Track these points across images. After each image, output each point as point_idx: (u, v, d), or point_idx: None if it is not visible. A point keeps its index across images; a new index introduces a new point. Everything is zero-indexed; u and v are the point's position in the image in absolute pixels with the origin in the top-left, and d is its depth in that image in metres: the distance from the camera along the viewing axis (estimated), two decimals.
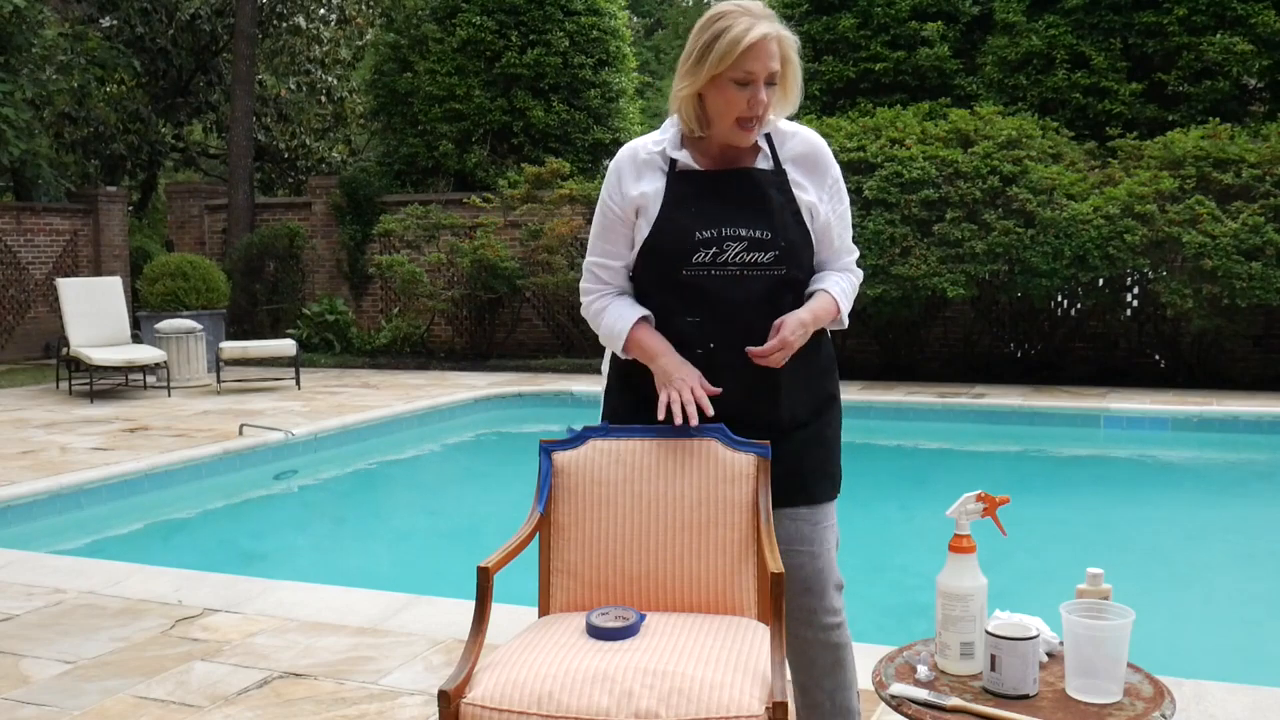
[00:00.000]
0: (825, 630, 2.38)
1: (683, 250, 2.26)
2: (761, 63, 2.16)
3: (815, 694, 2.42)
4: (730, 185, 2.29)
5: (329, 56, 19.91)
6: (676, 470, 2.27)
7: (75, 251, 14.25)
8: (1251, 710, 2.94)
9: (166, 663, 3.43)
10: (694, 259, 2.25)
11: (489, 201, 12.61)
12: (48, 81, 14.15)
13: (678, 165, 2.30)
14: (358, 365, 12.47)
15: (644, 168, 2.32)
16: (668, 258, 2.28)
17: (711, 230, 2.25)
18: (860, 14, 12.32)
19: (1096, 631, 1.83)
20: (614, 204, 2.34)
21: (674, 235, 2.27)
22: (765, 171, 2.30)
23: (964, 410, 8.83)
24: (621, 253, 2.36)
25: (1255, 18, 10.64)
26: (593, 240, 2.40)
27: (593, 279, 2.41)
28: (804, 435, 2.37)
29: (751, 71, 2.16)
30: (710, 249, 2.25)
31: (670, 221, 2.28)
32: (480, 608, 2.10)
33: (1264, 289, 8.92)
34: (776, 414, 2.32)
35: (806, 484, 2.37)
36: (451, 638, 3.61)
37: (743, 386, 2.28)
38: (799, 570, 2.34)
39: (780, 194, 2.28)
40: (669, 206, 2.28)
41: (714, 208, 2.27)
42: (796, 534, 2.36)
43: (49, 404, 9.58)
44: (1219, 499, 7.03)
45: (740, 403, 2.29)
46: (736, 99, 2.18)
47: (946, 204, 9.70)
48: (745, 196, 2.27)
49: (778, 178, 2.30)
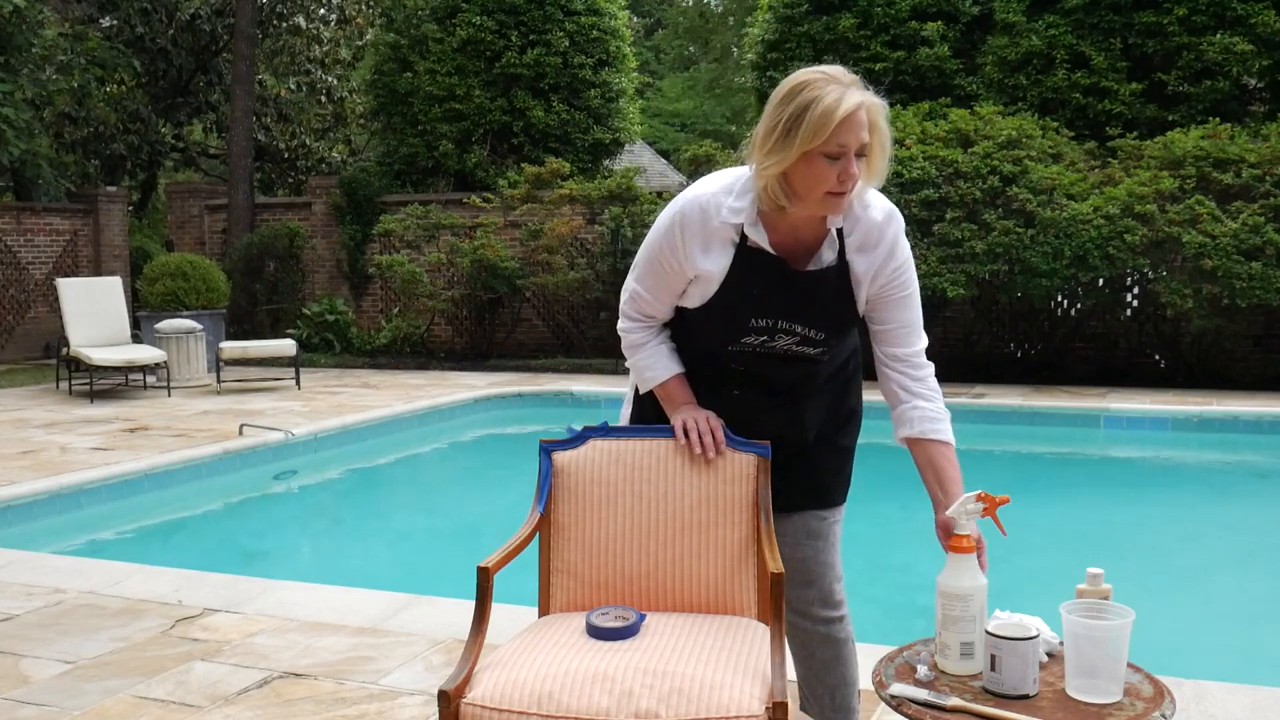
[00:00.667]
0: (826, 623, 2.40)
1: (736, 331, 2.25)
2: (855, 134, 2.02)
3: (816, 689, 2.44)
4: (796, 281, 2.20)
5: (329, 56, 19.90)
6: (677, 470, 2.27)
7: (75, 251, 14.25)
8: (1251, 710, 2.93)
9: (166, 663, 3.43)
10: (743, 340, 2.26)
11: (489, 201, 12.60)
12: (48, 81, 14.14)
13: (748, 240, 2.18)
14: (358, 365, 12.47)
15: (713, 238, 2.18)
16: (717, 333, 2.27)
17: (767, 320, 2.23)
18: (860, 14, 12.31)
19: (1096, 631, 1.83)
20: (673, 260, 2.22)
21: (729, 317, 2.23)
22: (828, 269, 2.20)
23: (964, 410, 8.82)
24: (666, 298, 2.31)
25: (1255, 18, 10.64)
26: (642, 272, 2.30)
27: (634, 307, 2.35)
28: (824, 445, 2.42)
29: (845, 145, 2.01)
30: (761, 336, 2.24)
31: (729, 298, 2.21)
32: (480, 608, 2.10)
33: (1264, 289, 8.92)
34: (801, 433, 2.37)
35: (823, 488, 2.43)
36: (451, 638, 3.61)
37: (773, 418, 2.34)
38: (803, 563, 2.39)
39: (839, 290, 2.21)
40: (732, 280, 2.19)
41: (775, 298, 2.20)
42: (805, 528, 2.41)
43: (49, 404, 9.58)
44: (1219, 499, 7.03)
45: (769, 431, 2.33)
46: (827, 174, 2.03)
47: (946, 204, 9.70)
48: (807, 296, 2.20)
49: (840, 275, 2.20)
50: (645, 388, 2.38)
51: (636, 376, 2.40)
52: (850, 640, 2.44)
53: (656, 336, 2.37)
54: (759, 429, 2.32)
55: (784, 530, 2.40)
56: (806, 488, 2.40)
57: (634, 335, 2.37)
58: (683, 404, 2.33)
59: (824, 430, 2.41)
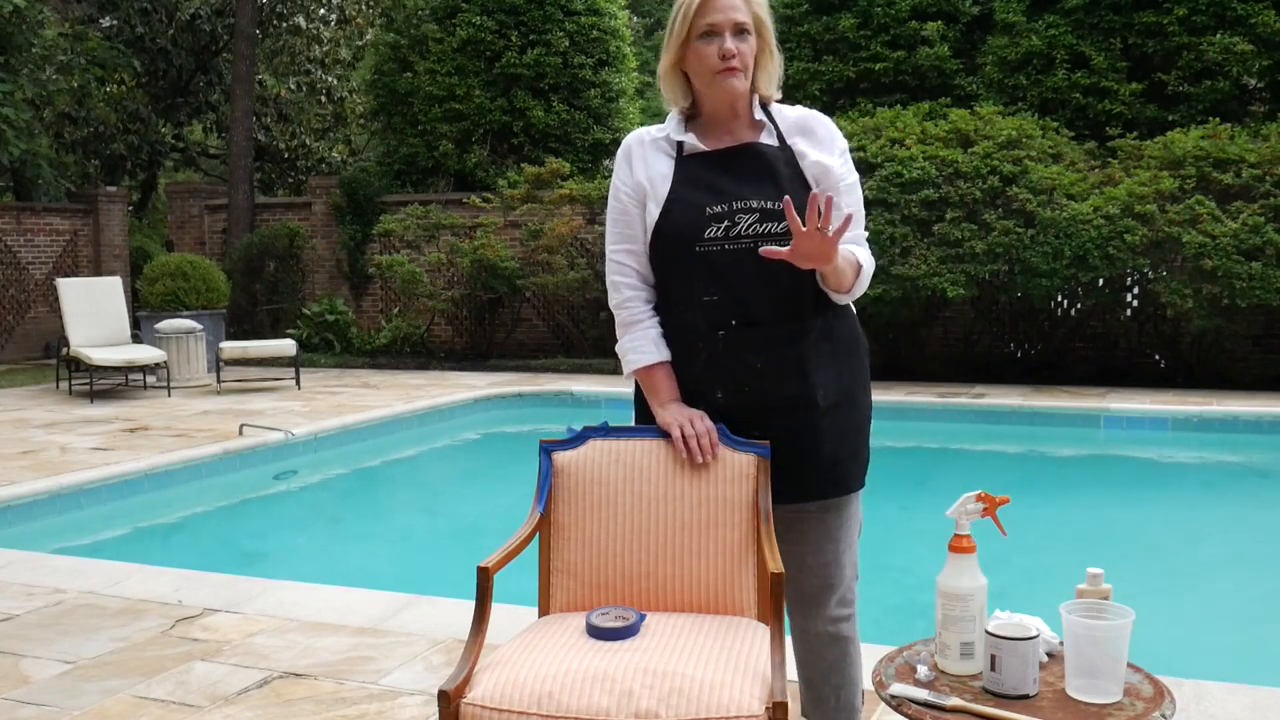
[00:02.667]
0: (834, 623, 2.38)
1: (694, 226, 2.24)
2: (722, 13, 2.19)
3: (821, 689, 2.42)
4: (738, 161, 2.28)
5: (329, 56, 19.91)
6: (676, 470, 2.27)
7: (75, 251, 14.25)
8: (1251, 710, 2.94)
9: (166, 663, 3.43)
10: (706, 234, 2.23)
11: (489, 201, 12.60)
12: (48, 81, 14.14)
13: (684, 147, 2.31)
14: (358, 365, 12.47)
15: (650, 150, 2.34)
16: (680, 236, 2.26)
17: (722, 205, 2.24)
18: (860, 14, 12.31)
19: (1096, 631, 1.83)
20: (624, 187, 2.34)
21: (684, 212, 2.26)
22: (771, 147, 2.29)
23: (964, 410, 8.83)
24: (639, 235, 2.34)
25: (1255, 18, 10.64)
26: (609, 230, 2.38)
27: (618, 269, 2.37)
28: (838, 418, 2.31)
29: (714, 23, 2.19)
30: (722, 223, 2.23)
31: (679, 200, 2.27)
32: (480, 608, 2.10)
33: (1264, 289, 8.92)
34: (808, 390, 2.27)
35: (842, 472, 2.33)
36: (451, 638, 3.61)
37: (769, 362, 2.25)
38: (824, 568, 2.35)
39: (788, 166, 2.27)
40: (678, 186, 2.28)
41: (723, 183, 2.26)
42: (823, 530, 2.34)
43: (49, 404, 9.58)
44: (1219, 499, 7.03)
45: (769, 381, 2.25)
46: (707, 53, 2.21)
47: (946, 204, 9.70)
48: (754, 170, 2.27)
49: (784, 152, 2.29)
50: (628, 370, 2.36)
51: (622, 360, 2.37)
52: (857, 639, 2.42)
53: (647, 318, 2.35)
54: (759, 382, 2.25)
55: (801, 533, 2.34)
56: (828, 473, 2.30)
57: (624, 311, 2.36)
58: (669, 401, 2.30)
59: (833, 394, 2.29)
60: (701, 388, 2.30)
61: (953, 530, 2.03)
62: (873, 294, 9.53)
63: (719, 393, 2.28)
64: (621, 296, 2.37)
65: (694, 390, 2.30)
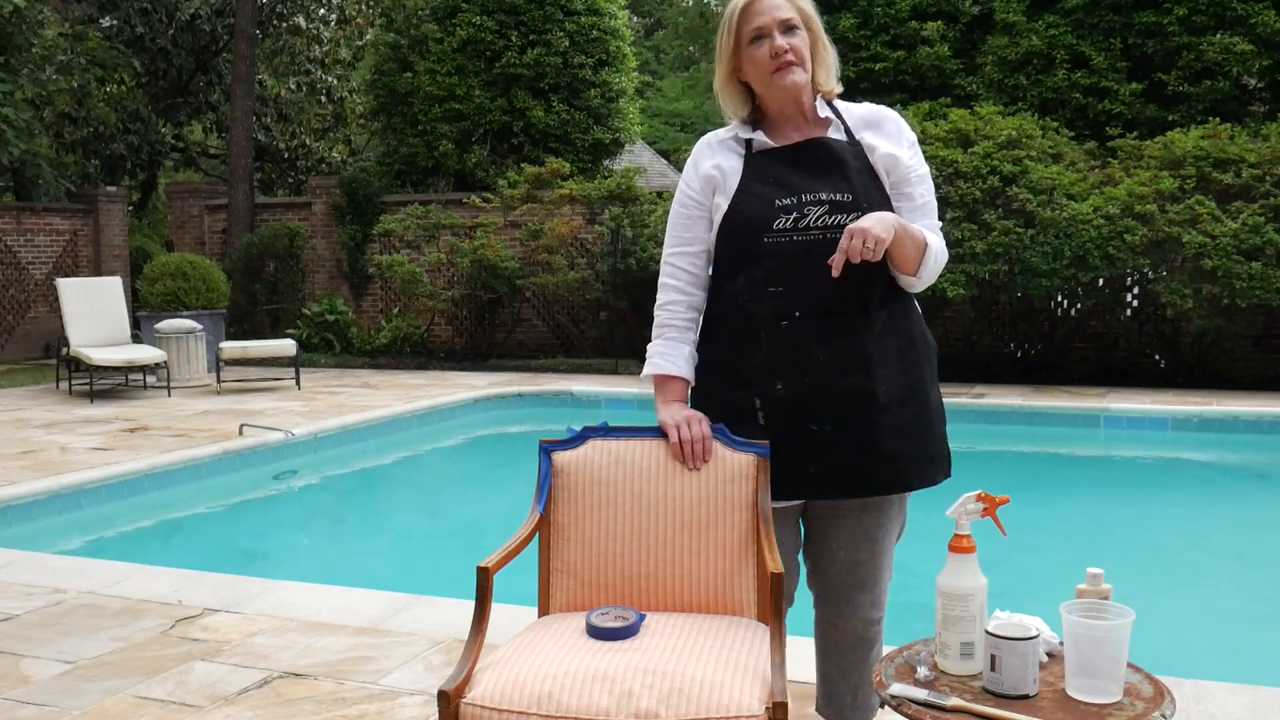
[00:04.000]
0: (866, 625, 2.39)
1: (764, 218, 2.24)
2: (766, 14, 2.22)
3: (839, 685, 2.42)
4: (807, 155, 2.29)
5: (329, 56, 19.91)
6: (676, 470, 2.27)
7: (75, 251, 14.25)
8: (1251, 710, 2.93)
9: (166, 663, 3.43)
10: (775, 226, 2.24)
11: (489, 201, 12.60)
12: (48, 81, 14.14)
13: (753, 145, 2.32)
14: (358, 365, 12.47)
15: (719, 149, 2.35)
16: (749, 228, 2.26)
17: (791, 198, 2.24)
18: (860, 14, 12.32)
19: (1096, 631, 1.83)
20: (690, 188, 2.35)
21: (753, 205, 2.26)
22: (840, 141, 2.30)
23: (964, 410, 8.82)
24: (701, 236, 2.35)
25: (1255, 18, 10.64)
26: (668, 234, 2.40)
27: (670, 271, 2.38)
28: (901, 414, 2.28)
29: (761, 26, 2.22)
30: (791, 214, 2.23)
31: (749, 193, 2.28)
32: (480, 608, 2.10)
33: (1264, 289, 8.92)
34: (870, 384, 2.24)
35: (903, 468, 2.29)
36: (451, 638, 3.61)
37: (832, 355, 2.23)
38: (858, 566, 2.34)
39: (857, 160, 2.28)
40: (748, 180, 2.29)
41: (793, 177, 2.27)
42: (862, 530, 2.33)
43: (49, 404, 9.58)
44: (1219, 499, 7.03)
45: (831, 372, 2.23)
46: (760, 56, 2.23)
47: (946, 204, 9.69)
48: (823, 164, 2.27)
49: (853, 146, 2.30)
50: (649, 370, 2.36)
51: (648, 358, 2.37)
52: (881, 641, 2.41)
53: (685, 329, 2.36)
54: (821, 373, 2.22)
55: (838, 529, 2.32)
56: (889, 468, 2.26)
57: (664, 313, 2.38)
58: (673, 400, 2.32)
59: (897, 391, 2.26)
60: (760, 377, 2.27)
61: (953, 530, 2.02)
62: None
63: (779, 383, 2.25)
64: (667, 298, 2.38)
65: (753, 380, 2.27)
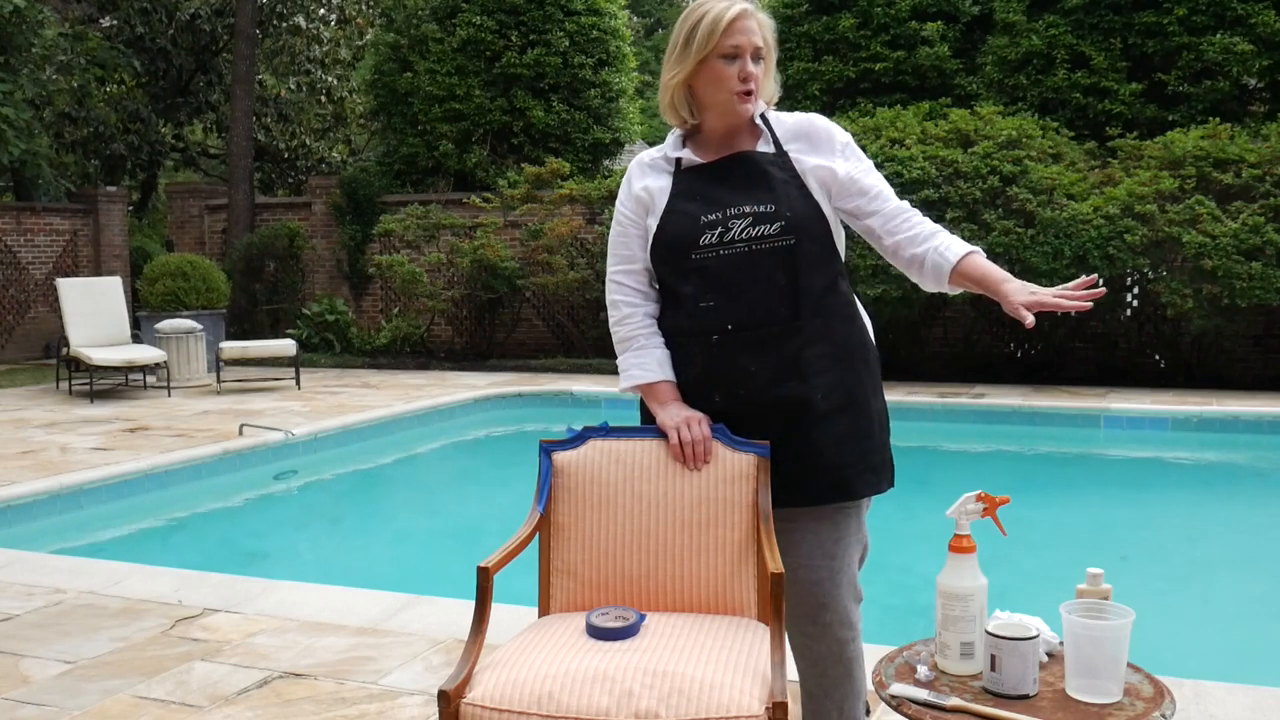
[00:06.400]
0: (840, 644, 2.33)
1: (690, 235, 2.29)
2: (746, 36, 2.24)
3: (823, 702, 2.37)
4: (732, 170, 2.32)
5: (329, 56, 19.89)
6: (676, 470, 2.27)
7: (75, 251, 14.25)
8: (1251, 710, 2.93)
9: (166, 663, 3.43)
10: (701, 241, 2.28)
11: (489, 201, 12.60)
12: (48, 81, 14.14)
13: (682, 163, 2.37)
14: (358, 365, 12.47)
15: (649, 170, 2.41)
16: (677, 246, 2.31)
17: (716, 213, 2.28)
18: (860, 14, 12.32)
19: (1096, 631, 1.83)
20: (624, 208, 2.41)
21: (680, 223, 2.31)
22: (766, 153, 2.33)
23: (964, 410, 8.82)
24: (638, 255, 2.40)
25: (1255, 18, 10.64)
26: (610, 253, 2.45)
27: (617, 289, 2.42)
28: (840, 422, 2.29)
29: (738, 45, 2.23)
30: (716, 229, 2.28)
31: (675, 211, 2.33)
32: (480, 608, 2.10)
33: (1264, 289, 8.92)
34: (806, 392, 2.26)
35: (844, 477, 2.29)
36: (451, 638, 3.61)
37: (765, 365, 2.26)
38: (817, 586, 2.29)
39: (782, 171, 2.30)
40: (675, 199, 2.34)
41: (718, 192, 2.31)
42: (817, 545, 2.30)
43: (49, 404, 9.58)
44: (1219, 499, 7.03)
45: (764, 383, 2.26)
46: (727, 74, 2.24)
47: (946, 204, 9.69)
48: (747, 177, 2.31)
49: (780, 158, 2.32)
50: (627, 384, 2.38)
51: (622, 374, 2.39)
52: (861, 657, 2.37)
53: (648, 335, 2.37)
54: (754, 384, 2.26)
55: (793, 543, 2.29)
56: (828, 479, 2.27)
57: (621, 328, 2.40)
58: (669, 401, 2.32)
59: (837, 399, 2.28)
60: (697, 392, 2.33)
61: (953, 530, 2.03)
62: (873, 294, 9.54)
63: (716, 396, 2.32)
64: (620, 314, 2.41)
65: (690, 395, 2.34)
